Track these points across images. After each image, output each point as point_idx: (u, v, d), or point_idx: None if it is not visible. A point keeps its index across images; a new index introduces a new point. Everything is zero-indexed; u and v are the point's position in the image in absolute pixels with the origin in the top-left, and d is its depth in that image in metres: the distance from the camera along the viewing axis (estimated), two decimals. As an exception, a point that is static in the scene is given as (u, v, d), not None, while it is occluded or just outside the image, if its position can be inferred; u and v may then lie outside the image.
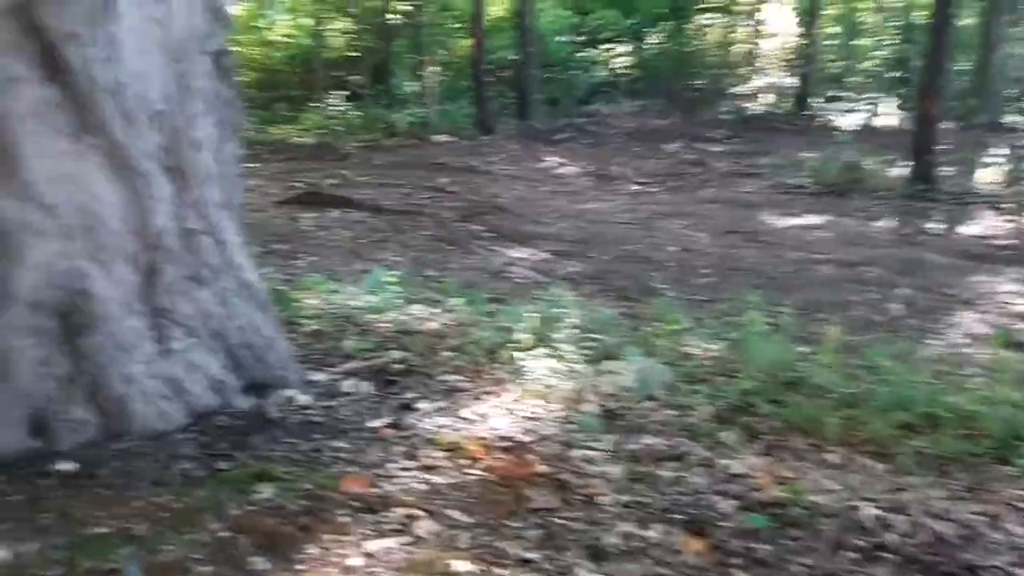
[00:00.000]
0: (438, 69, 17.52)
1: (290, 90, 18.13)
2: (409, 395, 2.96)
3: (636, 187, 10.66)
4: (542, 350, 3.33)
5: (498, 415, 2.79)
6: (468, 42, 16.64)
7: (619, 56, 18.79)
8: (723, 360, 3.48)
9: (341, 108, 15.75)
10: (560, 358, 3.24)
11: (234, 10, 2.79)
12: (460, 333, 3.80)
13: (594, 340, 3.50)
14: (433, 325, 3.97)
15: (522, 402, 2.89)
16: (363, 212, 8.30)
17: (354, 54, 18.12)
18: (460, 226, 7.81)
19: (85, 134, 2.46)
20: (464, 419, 2.76)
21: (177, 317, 2.69)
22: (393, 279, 4.59)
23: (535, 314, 3.88)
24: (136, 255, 2.61)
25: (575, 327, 3.62)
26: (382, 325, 3.89)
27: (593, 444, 2.63)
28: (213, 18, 2.73)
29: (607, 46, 18.60)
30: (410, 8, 17.36)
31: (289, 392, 2.86)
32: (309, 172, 10.99)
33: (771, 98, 18.36)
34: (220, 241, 2.79)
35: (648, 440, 2.71)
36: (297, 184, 9.81)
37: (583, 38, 18.50)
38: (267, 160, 12.66)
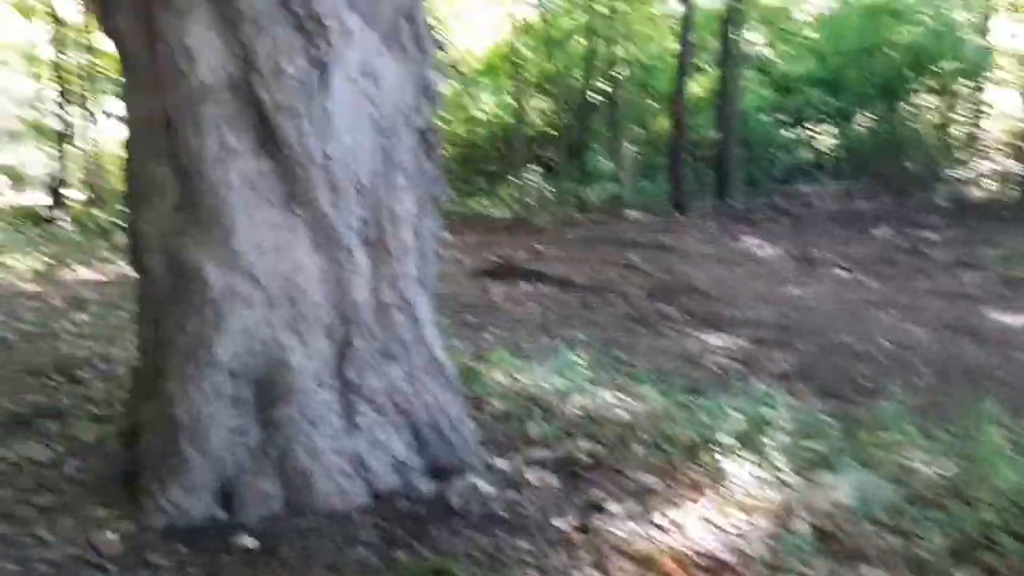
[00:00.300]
0: (633, 146, 17.53)
1: (489, 165, 18.73)
2: (597, 493, 2.74)
3: (842, 273, 9.99)
4: (745, 453, 3.02)
5: (696, 525, 2.51)
6: (665, 119, 16.57)
7: (823, 136, 18.06)
8: (956, 482, 3.02)
9: (536, 183, 16.03)
10: (766, 464, 2.92)
11: (442, 88, 2.77)
12: (653, 425, 3.55)
13: (804, 446, 3.15)
14: (623, 414, 3.75)
15: (723, 512, 2.60)
16: (553, 287, 8.24)
17: (551, 131, 18.50)
18: (651, 306, 7.56)
19: (294, 205, 2.49)
20: (658, 526, 2.50)
21: (365, 392, 2.64)
22: (581, 361, 4.43)
23: (737, 411, 3.58)
24: (332, 327, 2.59)
25: (782, 428, 3.28)
26: (569, 410, 3.72)
27: (805, 570, 2.30)
28: (422, 95, 2.73)
29: (811, 125, 17.94)
30: (609, 88, 17.56)
31: (472, 479, 2.72)
32: (503, 245, 11.14)
33: (994, 185, 16.94)
34: (413, 317, 2.73)
35: (868, 571, 2.35)
36: (490, 256, 9.95)
37: (786, 117, 17.95)
38: (463, 232, 13.01)
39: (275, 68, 2.36)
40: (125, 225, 2.77)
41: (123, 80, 2.54)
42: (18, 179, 16.93)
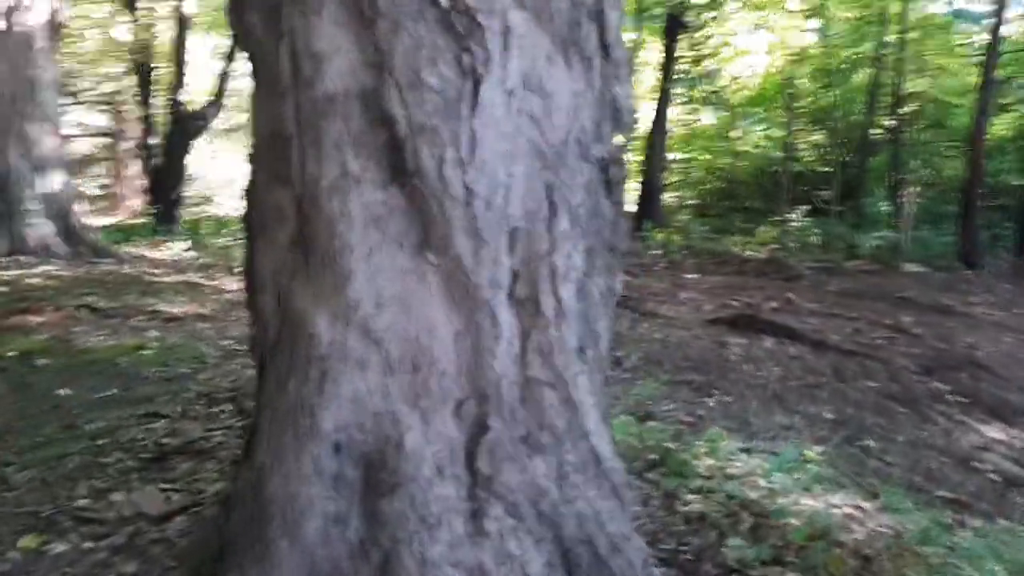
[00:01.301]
0: (918, 189, 15.63)
1: (750, 201, 17.60)
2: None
3: None
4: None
5: None
6: (959, 161, 14.60)
7: None
8: None
9: (801, 224, 14.74)
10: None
11: (633, 109, 2.13)
12: (900, 560, 2.69)
13: None
14: (859, 536, 2.90)
15: None
16: (802, 346, 7.21)
17: (824, 169, 17.02)
18: (919, 382, 6.34)
19: (426, 250, 1.99)
20: None
21: (499, 490, 2.07)
22: (816, 456, 3.58)
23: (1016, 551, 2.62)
24: (463, 405, 2.06)
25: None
26: (789, 523, 2.93)
27: None
28: (607, 117, 2.13)
29: None
30: (894, 124, 15.82)
31: (627, 623, 2.06)
32: (751, 290, 10.17)
33: None
34: (568, 399, 2.13)
35: None
36: (734, 302, 9.06)
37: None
38: (710, 272, 12.14)
39: (413, 77, 1.87)
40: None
41: (252, 87, 2.17)
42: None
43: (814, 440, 4.25)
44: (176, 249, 10.68)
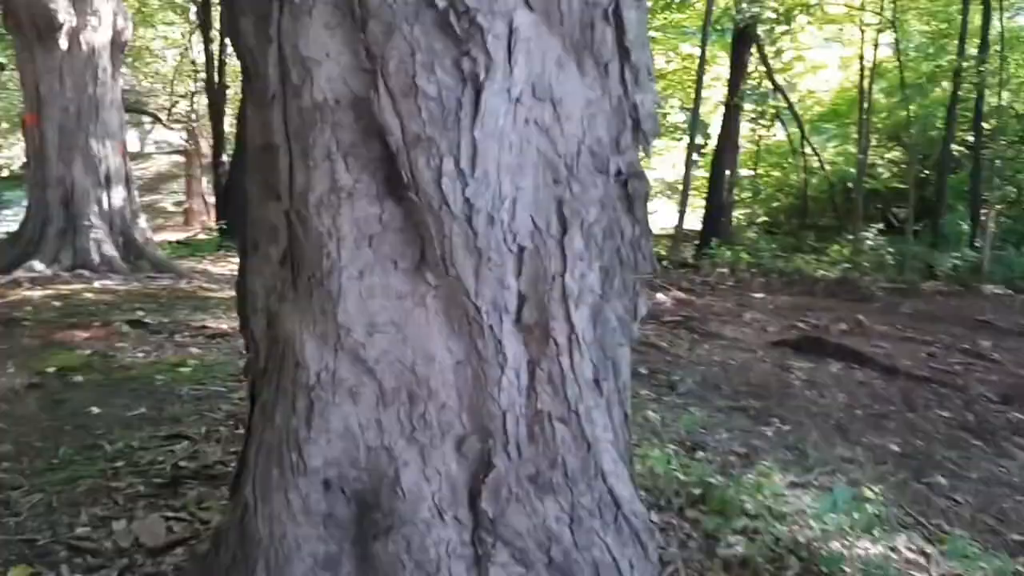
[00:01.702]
0: (1000, 208, 14.90)
1: (822, 219, 17.07)
2: None
3: None
4: None
5: None
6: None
7: None
8: None
9: (875, 243, 14.18)
10: None
11: (655, 118, 1.93)
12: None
13: None
14: (919, 586, 2.63)
15: None
16: (870, 371, 6.83)
17: (900, 186, 16.39)
18: (997, 412, 5.91)
19: (424, 270, 1.83)
20: None
21: (504, 533, 1.89)
22: (877, 493, 3.30)
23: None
24: (465, 440, 1.89)
25: None
26: (841, 572, 2.67)
27: None
28: (626, 126, 1.94)
29: None
30: (977, 139, 15.13)
31: None
32: (820, 311, 9.75)
33: None
34: (582, 435, 1.93)
35: None
36: (801, 324, 8.68)
37: None
38: (778, 292, 11.74)
39: (408, 84, 1.72)
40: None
41: (244, 97, 2.05)
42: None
43: (877, 475, 3.94)
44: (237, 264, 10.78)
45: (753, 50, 16.67)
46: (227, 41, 14.35)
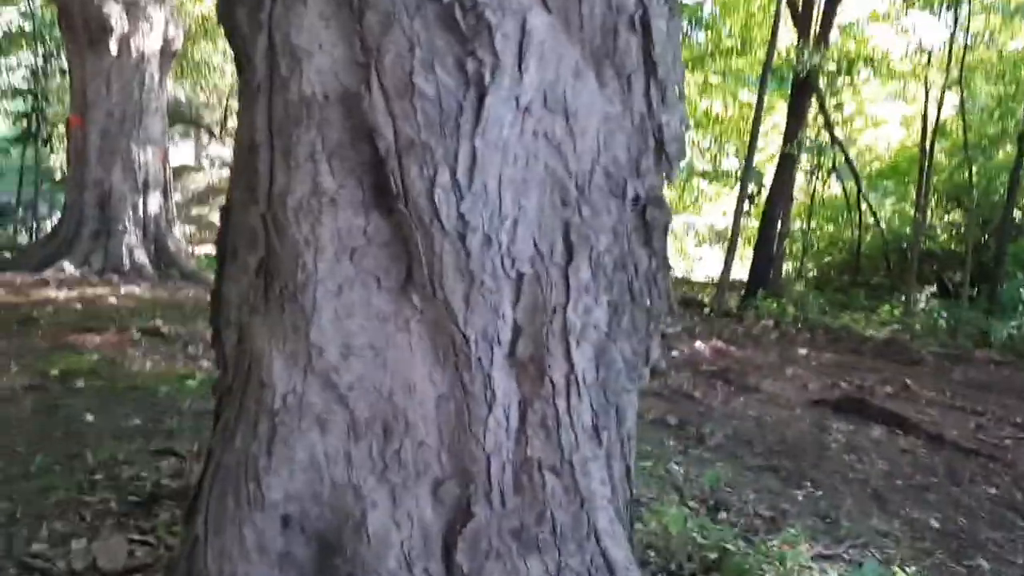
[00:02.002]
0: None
1: (874, 277, 16.59)
2: None
3: None
4: None
5: None
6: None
7: None
8: None
9: (928, 306, 13.69)
10: None
11: (682, 140, 1.73)
12: None
13: None
14: None
15: None
16: (915, 439, 6.44)
17: (957, 249, 15.87)
18: (1051, 492, 5.51)
19: (409, 291, 1.64)
20: None
21: (480, 594, 1.68)
22: (909, 574, 3.01)
23: None
24: (441, 484, 1.69)
25: None
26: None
27: None
28: (648, 148, 1.74)
29: None
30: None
31: None
32: (865, 372, 9.35)
33: None
34: (575, 489, 1.72)
35: None
36: (844, 383, 8.31)
37: None
38: (823, 348, 11.32)
39: (404, 82, 1.55)
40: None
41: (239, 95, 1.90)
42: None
43: (913, 553, 3.63)
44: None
45: (813, 101, 16.37)
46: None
